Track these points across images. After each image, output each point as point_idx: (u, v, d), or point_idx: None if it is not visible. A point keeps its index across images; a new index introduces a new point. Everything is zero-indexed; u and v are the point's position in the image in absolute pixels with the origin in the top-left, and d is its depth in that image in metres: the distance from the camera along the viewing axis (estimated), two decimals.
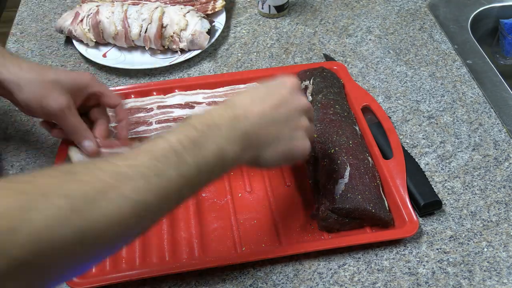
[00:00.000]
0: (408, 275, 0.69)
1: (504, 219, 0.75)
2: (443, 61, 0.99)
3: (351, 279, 0.69)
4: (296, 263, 0.70)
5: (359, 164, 0.74)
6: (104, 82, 0.96)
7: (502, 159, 0.82)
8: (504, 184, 0.79)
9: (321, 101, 0.83)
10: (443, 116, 0.89)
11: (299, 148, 0.63)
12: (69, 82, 0.72)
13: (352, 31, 1.06)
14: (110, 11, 0.99)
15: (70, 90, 0.72)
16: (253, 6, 1.13)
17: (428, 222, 0.75)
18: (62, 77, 0.72)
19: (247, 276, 0.69)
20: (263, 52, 1.02)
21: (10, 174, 0.82)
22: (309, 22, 1.09)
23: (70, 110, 0.72)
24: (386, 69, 0.98)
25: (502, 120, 0.88)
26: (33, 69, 0.72)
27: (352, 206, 0.70)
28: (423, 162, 0.82)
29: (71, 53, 1.03)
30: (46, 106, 0.71)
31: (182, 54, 0.99)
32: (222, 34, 1.05)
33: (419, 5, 1.12)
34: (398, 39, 1.04)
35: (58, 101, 0.71)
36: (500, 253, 0.71)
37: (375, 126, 0.83)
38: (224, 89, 0.91)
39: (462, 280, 0.69)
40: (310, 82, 0.87)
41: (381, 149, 0.80)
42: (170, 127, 0.85)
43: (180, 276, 0.69)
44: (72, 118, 0.73)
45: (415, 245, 0.72)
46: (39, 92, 0.70)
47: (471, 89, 0.93)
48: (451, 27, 1.06)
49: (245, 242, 0.72)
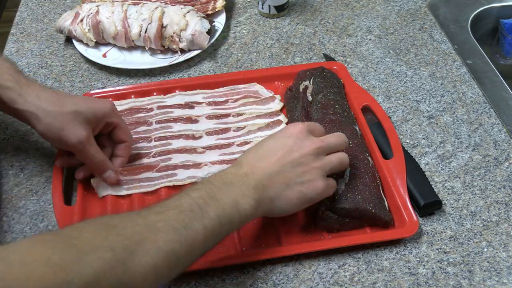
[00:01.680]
0: (408, 275, 0.69)
1: (504, 219, 0.75)
2: (443, 61, 0.99)
3: (351, 279, 0.69)
4: (296, 263, 0.70)
5: (359, 164, 0.74)
6: (104, 82, 0.96)
7: (502, 159, 0.82)
8: (504, 184, 0.79)
9: (321, 101, 0.83)
10: (443, 116, 0.89)
11: (311, 189, 0.65)
12: (89, 113, 0.71)
13: (352, 31, 1.06)
14: (110, 11, 0.99)
15: (90, 121, 0.71)
16: (253, 6, 1.13)
17: (428, 222, 0.75)
18: (81, 108, 0.71)
19: (247, 276, 0.69)
20: (263, 52, 1.02)
21: (10, 174, 0.82)
22: (309, 22, 1.09)
23: (89, 142, 0.71)
24: (386, 69, 0.98)
25: (502, 120, 0.88)
26: (52, 99, 0.70)
27: (352, 206, 0.70)
28: (423, 162, 0.82)
29: (71, 53, 1.03)
30: (65, 139, 0.70)
31: (182, 54, 0.99)
32: (222, 34, 1.05)
33: (419, 5, 1.12)
34: (398, 39, 1.04)
35: (77, 134, 0.70)
36: (500, 253, 0.71)
37: (375, 126, 0.83)
38: (224, 89, 0.91)
39: (462, 280, 0.69)
40: (310, 82, 0.87)
41: (381, 149, 0.80)
42: (169, 126, 0.85)
43: (180, 276, 0.69)
44: (91, 150, 0.72)
45: (415, 245, 0.72)
46: (57, 124, 0.69)
47: (471, 89, 0.93)
48: (451, 27, 1.06)
49: (245, 242, 0.72)
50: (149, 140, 0.83)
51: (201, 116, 0.87)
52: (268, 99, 0.90)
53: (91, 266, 0.47)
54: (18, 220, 0.76)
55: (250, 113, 0.87)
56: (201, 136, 0.84)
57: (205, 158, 0.81)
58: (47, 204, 0.78)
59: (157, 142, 0.83)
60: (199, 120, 0.86)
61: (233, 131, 0.85)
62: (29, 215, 0.76)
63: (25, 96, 0.69)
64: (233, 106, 0.89)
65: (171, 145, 0.82)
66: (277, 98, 0.90)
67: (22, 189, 0.80)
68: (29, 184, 0.80)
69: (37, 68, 0.99)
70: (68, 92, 0.94)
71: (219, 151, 0.82)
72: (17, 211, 0.77)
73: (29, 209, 0.77)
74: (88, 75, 0.98)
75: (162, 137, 0.83)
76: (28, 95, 0.70)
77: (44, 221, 0.76)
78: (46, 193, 0.79)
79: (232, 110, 0.88)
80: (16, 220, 0.76)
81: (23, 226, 0.75)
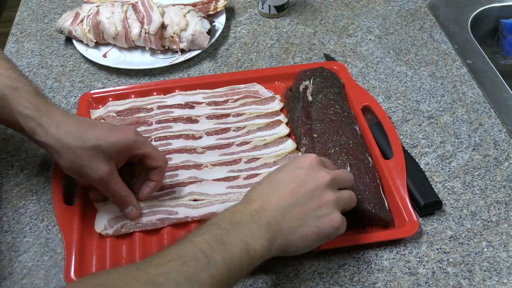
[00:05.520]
0: (408, 275, 0.69)
1: (504, 219, 0.75)
2: (443, 61, 0.99)
3: (351, 279, 0.69)
4: (296, 263, 0.70)
5: (359, 164, 0.74)
6: (104, 82, 0.96)
7: (502, 159, 0.82)
8: (504, 184, 0.79)
9: (321, 101, 0.83)
10: (443, 116, 0.89)
11: (328, 224, 0.61)
12: (111, 147, 0.67)
13: (352, 31, 1.06)
14: (110, 11, 0.99)
15: (113, 155, 0.67)
16: (253, 6, 1.13)
17: (428, 222, 0.75)
18: (103, 141, 0.66)
19: (247, 276, 0.69)
20: (263, 52, 1.02)
21: (10, 174, 0.82)
22: (309, 22, 1.09)
23: (112, 177, 0.68)
24: (386, 69, 0.98)
25: (502, 120, 0.88)
26: (73, 131, 0.66)
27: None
28: (423, 162, 0.82)
29: (71, 53, 1.03)
30: (86, 175, 0.67)
31: (182, 54, 0.99)
32: (222, 34, 1.05)
33: (419, 5, 1.12)
34: (398, 39, 1.04)
35: (99, 171, 0.66)
36: (500, 253, 0.71)
37: (375, 126, 0.83)
38: (224, 89, 0.91)
39: (462, 280, 0.69)
40: (310, 82, 0.87)
41: (381, 149, 0.80)
42: (169, 126, 0.85)
43: None
44: (114, 185, 0.69)
45: (415, 245, 0.72)
46: (78, 161, 0.66)
47: (471, 89, 0.93)
48: (451, 27, 1.06)
49: None
50: (149, 140, 0.83)
51: (201, 116, 0.87)
52: (268, 99, 0.90)
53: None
54: (18, 220, 0.76)
55: (250, 113, 0.87)
56: (201, 136, 0.84)
57: (205, 158, 0.81)
58: (47, 204, 0.78)
59: (157, 142, 0.83)
60: (199, 120, 0.86)
61: (233, 131, 0.85)
62: (29, 215, 0.76)
63: (45, 127, 0.65)
64: (233, 106, 0.89)
65: (171, 145, 0.82)
66: (277, 98, 0.90)
67: (22, 189, 0.80)
68: (29, 184, 0.80)
69: (37, 68, 0.99)
70: (68, 92, 0.94)
71: (219, 151, 0.82)
72: (17, 211, 0.77)
73: (29, 209, 0.77)
74: (88, 75, 0.98)
75: (162, 137, 0.83)
76: (48, 126, 0.66)
77: (44, 221, 0.76)
78: (46, 193, 0.79)
79: (232, 110, 0.88)
80: (16, 220, 0.76)
81: (23, 226, 0.75)
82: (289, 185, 0.61)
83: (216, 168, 0.79)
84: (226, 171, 0.79)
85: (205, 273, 0.52)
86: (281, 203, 0.60)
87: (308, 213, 0.60)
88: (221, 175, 0.79)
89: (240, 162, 0.80)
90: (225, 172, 0.79)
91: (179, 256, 0.52)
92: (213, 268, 0.52)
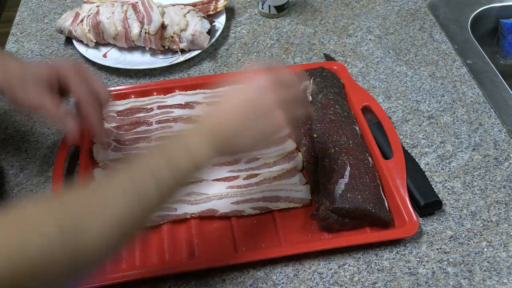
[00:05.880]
0: (408, 275, 0.69)
1: (504, 219, 0.75)
2: (443, 61, 0.99)
3: (351, 279, 0.69)
4: (296, 263, 0.70)
5: (359, 164, 0.74)
6: (104, 82, 0.96)
7: (502, 159, 0.82)
8: (504, 184, 0.79)
9: (321, 101, 0.83)
10: (443, 116, 0.89)
11: (270, 123, 0.63)
12: (40, 70, 0.72)
13: (352, 31, 1.06)
14: (110, 11, 0.99)
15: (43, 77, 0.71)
16: (253, 6, 1.13)
17: (428, 222, 0.75)
18: (35, 68, 0.72)
19: (247, 276, 0.69)
20: (263, 52, 1.02)
21: (10, 174, 0.82)
22: (309, 22, 1.09)
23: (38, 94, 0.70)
24: (386, 69, 0.98)
25: (502, 120, 0.88)
26: None
27: (352, 206, 0.70)
28: (423, 162, 0.82)
29: (71, 53, 1.03)
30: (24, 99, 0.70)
31: (182, 54, 0.99)
32: (222, 34, 1.05)
33: (419, 5, 1.12)
34: (398, 39, 1.04)
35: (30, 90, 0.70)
36: (500, 253, 0.71)
37: (375, 126, 0.83)
38: (224, 89, 0.91)
39: (462, 280, 0.69)
40: (310, 82, 0.87)
41: (381, 149, 0.80)
42: (169, 126, 0.85)
43: (180, 276, 0.69)
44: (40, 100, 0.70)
45: (415, 245, 0.72)
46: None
47: (471, 89, 0.93)
48: (451, 27, 1.06)
49: (245, 242, 0.72)
50: (149, 140, 0.83)
51: None
52: None
53: (36, 242, 0.45)
54: None
55: None
56: None
57: None
58: None
59: (157, 142, 0.83)
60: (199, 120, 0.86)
61: None
62: None
63: None
64: None
65: None
66: None
67: (22, 189, 0.80)
68: (29, 184, 0.80)
69: None
70: None
71: None
72: None
73: None
74: None
75: (162, 137, 0.83)
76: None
77: None
78: (46, 193, 0.79)
79: None
80: None
81: None
82: (232, 100, 0.64)
83: (216, 168, 0.79)
84: (226, 171, 0.79)
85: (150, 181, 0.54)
86: (225, 113, 0.62)
87: (250, 115, 0.62)
88: (221, 175, 0.79)
89: (240, 162, 0.80)
90: (225, 172, 0.79)
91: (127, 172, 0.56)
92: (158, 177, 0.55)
